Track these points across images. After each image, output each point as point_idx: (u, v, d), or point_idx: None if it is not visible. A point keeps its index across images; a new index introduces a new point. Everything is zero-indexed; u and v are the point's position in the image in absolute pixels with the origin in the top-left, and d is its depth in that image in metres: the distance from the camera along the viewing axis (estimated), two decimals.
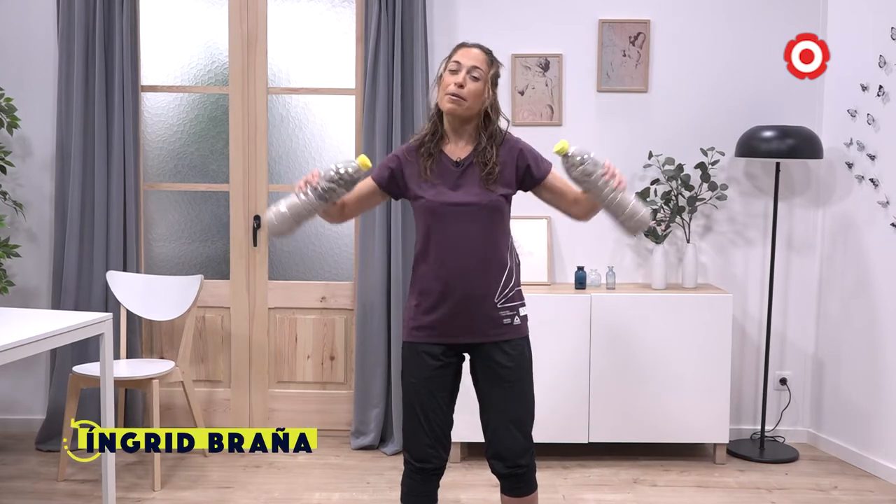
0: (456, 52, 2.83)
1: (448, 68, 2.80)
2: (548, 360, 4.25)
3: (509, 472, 2.84)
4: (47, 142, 4.68)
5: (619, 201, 2.68)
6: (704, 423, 4.38)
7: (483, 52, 2.83)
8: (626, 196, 2.69)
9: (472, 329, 2.81)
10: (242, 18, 4.69)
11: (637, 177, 4.67)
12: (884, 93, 4.27)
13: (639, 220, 2.71)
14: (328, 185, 2.70)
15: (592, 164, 2.65)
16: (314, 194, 2.71)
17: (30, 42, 4.67)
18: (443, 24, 4.60)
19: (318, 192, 2.70)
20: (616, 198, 2.67)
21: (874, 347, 4.36)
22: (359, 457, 4.53)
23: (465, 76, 2.76)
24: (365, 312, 4.57)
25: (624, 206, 2.69)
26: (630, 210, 2.69)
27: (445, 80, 2.79)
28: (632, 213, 2.69)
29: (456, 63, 2.79)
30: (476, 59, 2.79)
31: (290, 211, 2.73)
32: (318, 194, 2.71)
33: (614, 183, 2.65)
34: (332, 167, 2.71)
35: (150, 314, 4.47)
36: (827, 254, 4.68)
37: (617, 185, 2.66)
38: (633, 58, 4.63)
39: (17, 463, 4.37)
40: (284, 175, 4.80)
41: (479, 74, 2.78)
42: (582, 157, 2.64)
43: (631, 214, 2.70)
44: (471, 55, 2.80)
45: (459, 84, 2.75)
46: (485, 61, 2.81)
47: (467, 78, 2.76)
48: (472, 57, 2.79)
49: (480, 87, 2.78)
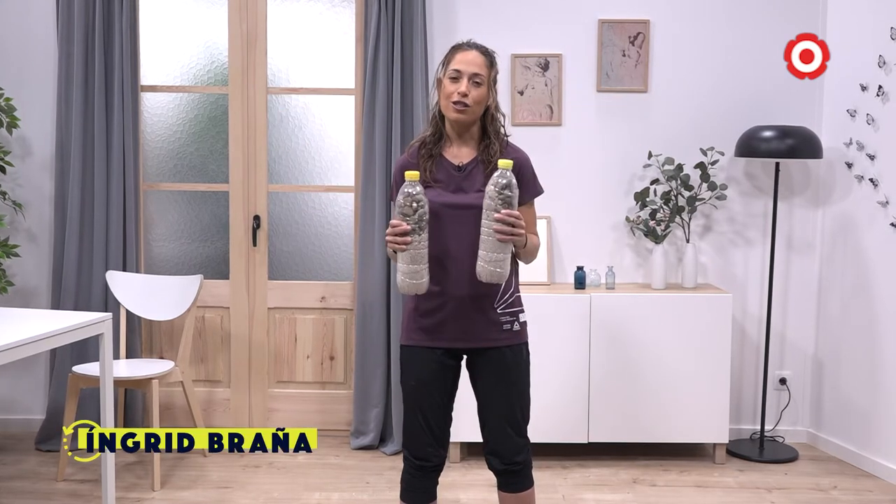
0: (454, 56, 2.80)
1: (448, 76, 2.78)
2: (547, 360, 4.25)
3: (506, 469, 2.87)
4: (47, 142, 4.68)
5: (489, 241, 2.61)
6: (704, 423, 4.38)
7: (481, 55, 2.81)
8: (498, 245, 2.61)
9: (472, 334, 2.81)
10: (242, 18, 4.69)
11: (637, 177, 4.68)
12: (883, 93, 4.27)
13: (491, 272, 2.63)
14: (407, 209, 2.62)
15: (508, 197, 2.59)
16: (416, 230, 2.62)
17: (29, 42, 4.67)
18: (442, 24, 4.60)
19: (415, 225, 2.62)
20: (489, 237, 2.61)
21: (874, 347, 4.36)
22: (358, 457, 4.53)
23: (468, 84, 2.75)
24: (364, 312, 4.57)
25: (488, 248, 2.62)
26: (488, 256, 2.62)
27: (447, 89, 2.78)
28: (490, 259, 2.62)
29: (456, 71, 2.76)
30: (476, 64, 2.77)
31: (412, 264, 2.65)
32: (418, 226, 2.63)
33: (498, 227, 2.58)
34: (401, 201, 2.63)
35: (149, 314, 4.47)
36: (826, 254, 4.68)
37: (499, 230, 2.58)
38: (633, 58, 4.63)
39: (16, 463, 4.37)
40: (284, 175, 4.80)
41: (481, 80, 2.77)
42: (510, 183, 2.59)
43: (489, 259, 2.62)
44: (470, 61, 2.77)
45: (463, 93, 2.75)
46: (484, 65, 2.79)
47: (470, 85, 2.75)
48: (472, 62, 2.77)
49: (484, 91, 2.78)
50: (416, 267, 2.65)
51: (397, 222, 2.62)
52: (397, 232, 2.62)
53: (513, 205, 2.62)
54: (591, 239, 4.68)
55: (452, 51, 2.83)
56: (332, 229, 4.83)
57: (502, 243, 2.62)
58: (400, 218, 2.63)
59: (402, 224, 2.61)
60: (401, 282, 2.68)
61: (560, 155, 4.66)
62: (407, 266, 2.65)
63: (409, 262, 2.65)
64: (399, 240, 2.62)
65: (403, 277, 2.67)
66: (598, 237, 4.69)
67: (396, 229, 2.62)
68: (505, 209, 2.60)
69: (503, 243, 2.62)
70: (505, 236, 2.60)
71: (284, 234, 4.83)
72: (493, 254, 2.63)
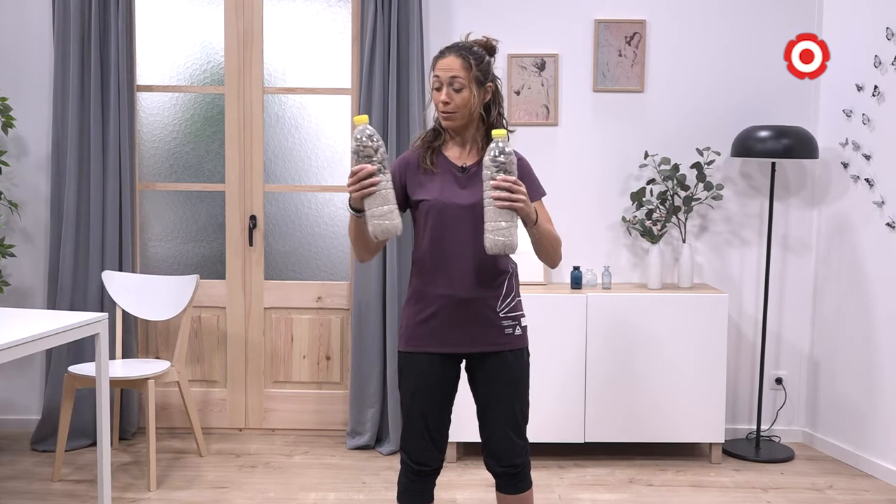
0: (435, 64, 2.78)
1: (433, 85, 2.77)
2: (544, 360, 4.25)
3: (504, 471, 2.85)
4: (43, 141, 4.68)
5: (490, 210, 2.57)
6: (700, 423, 4.39)
7: (457, 57, 2.74)
8: (500, 213, 2.56)
9: (474, 338, 2.79)
10: (238, 18, 4.69)
11: (633, 177, 4.68)
12: (879, 93, 4.28)
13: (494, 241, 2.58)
14: (368, 150, 2.56)
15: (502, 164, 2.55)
16: (381, 170, 2.56)
17: (25, 41, 4.66)
18: (438, 24, 4.60)
19: (380, 164, 2.57)
20: (490, 206, 2.57)
21: (869, 347, 4.37)
22: (355, 457, 4.53)
23: (448, 90, 2.73)
24: (361, 312, 4.57)
25: (491, 217, 2.58)
26: (492, 226, 2.58)
27: (434, 98, 2.77)
28: (494, 228, 2.58)
29: (436, 79, 2.75)
30: (451, 68, 2.73)
31: (384, 204, 2.59)
32: (382, 165, 2.57)
33: (496, 194, 2.55)
34: (356, 146, 2.57)
35: (145, 314, 4.47)
36: (822, 253, 4.68)
37: (497, 196, 2.54)
38: (629, 58, 4.63)
39: (12, 463, 4.36)
40: (280, 175, 4.80)
41: (460, 83, 2.72)
42: (504, 150, 2.55)
43: (492, 229, 2.58)
44: (446, 66, 2.74)
45: (445, 101, 2.73)
46: (461, 67, 2.73)
47: (450, 91, 2.73)
48: (448, 68, 2.73)
49: (466, 95, 2.74)
50: (389, 206, 2.59)
51: (361, 166, 2.55)
52: (363, 175, 2.55)
53: (510, 171, 2.56)
54: (588, 239, 4.69)
55: (434, 59, 2.81)
56: (329, 229, 4.83)
57: (504, 211, 2.56)
58: (363, 162, 2.56)
59: (366, 166, 2.55)
60: (375, 227, 2.59)
61: (556, 155, 4.66)
62: (379, 208, 2.58)
63: (380, 204, 2.58)
64: (367, 182, 2.55)
65: (378, 221, 2.59)
66: (595, 237, 4.70)
67: (361, 173, 2.55)
68: (501, 176, 2.55)
69: (505, 211, 2.56)
70: (503, 202, 2.54)
71: (281, 234, 4.83)
72: (496, 222, 2.56)
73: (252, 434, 4.82)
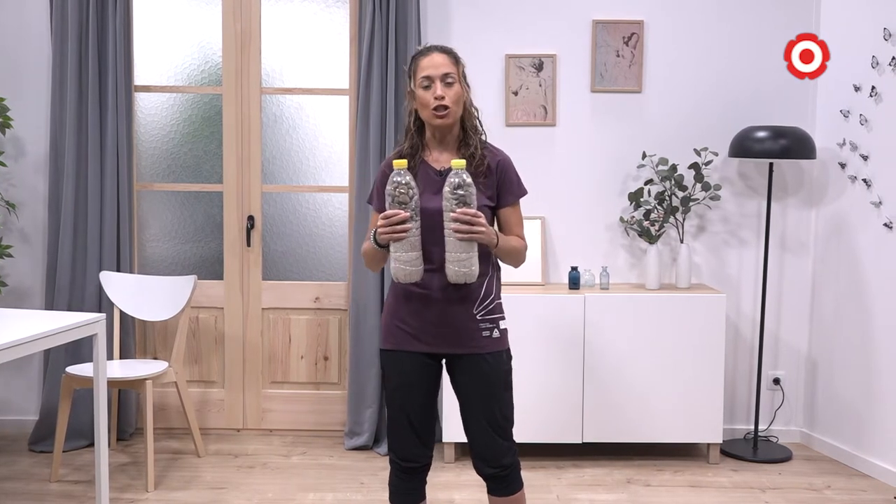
0: (418, 64, 2.78)
1: (420, 85, 2.77)
2: (542, 361, 4.26)
3: (493, 473, 2.86)
4: (40, 142, 4.67)
5: (450, 241, 2.63)
6: (698, 423, 4.39)
7: (444, 54, 2.79)
8: (460, 244, 2.62)
9: (451, 339, 2.80)
10: (236, 18, 4.69)
11: (631, 177, 4.68)
12: (876, 93, 4.28)
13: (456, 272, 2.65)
14: (404, 197, 2.62)
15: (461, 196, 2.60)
16: (413, 217, 2.63)
17: (23, 42, 4.66)
18: (436, 25, 4.60)
19: (412, 212, 2.63)
20: (450, 237, 2.63)
21: (867, 347, 4.37)
22: (352, 457, 4.53)
23: (441, 87, 2.74)
24: (358, 313, 4.57)
25: (451, 248, 2.63)
26: (452, 257, 2.64)
27: (423, 98, 2.76)
28: (454, 259, 2.64)
29: (426, 78, 2.75)
30: (442, 65, 2.76)
31: (411, 251, 2.66)
32: (414, 213, 2.64)
33: (455, 226, 2.59)
34: (392, 191, 2.63)
35: (143, 314, 4.46)
36: (820, 254, 4.69)
37: (457, 229, 2.59)
38: (627, 58, 4.63)
39: (9, 464, 4.36)
40: (278, 175, 4.80)
41: (453, 78, 2.76)
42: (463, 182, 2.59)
43: (453, 260, 2.64)
44: (436, 63, 2.76)
45: (440, 97, 2.74)
46: (450, 63, 2.77)
47: (444, 87, 2.74)
48: (438, 65, 2.76)
49: (458, 89, 2.77)
50: (416, 254, 2.67)
51: (394, 212, 2.62)
52: (395, 221, 2.62)
53: (469, 203, 2.61)
54: (586, 239, 4.69)
55: (414, 60, 2.82)
56: (326, 230, 4.83)
57: (463, 242, 2.63)
58: (396, 207, 2.63)
59: (400, 212, 2.61)
60: (397, 270, 2.67)
61: (554, 155, 4.67)
62: (406, 254, 2.66)
63: (408, 250, 2.66)
64: (399, 228, 2.62)
65: (402, 266, 2.67)
66: (593, 237, 4.70)
67: (394, 218, 2.62)
68: (460, 208, 2.60)
69: (464, 242, 2.63)
70: (463, 235, 2.61)
71: (278, 234, 4.83)
72: (456, 254, 2.64)
73: (250, 434, 4.82)
